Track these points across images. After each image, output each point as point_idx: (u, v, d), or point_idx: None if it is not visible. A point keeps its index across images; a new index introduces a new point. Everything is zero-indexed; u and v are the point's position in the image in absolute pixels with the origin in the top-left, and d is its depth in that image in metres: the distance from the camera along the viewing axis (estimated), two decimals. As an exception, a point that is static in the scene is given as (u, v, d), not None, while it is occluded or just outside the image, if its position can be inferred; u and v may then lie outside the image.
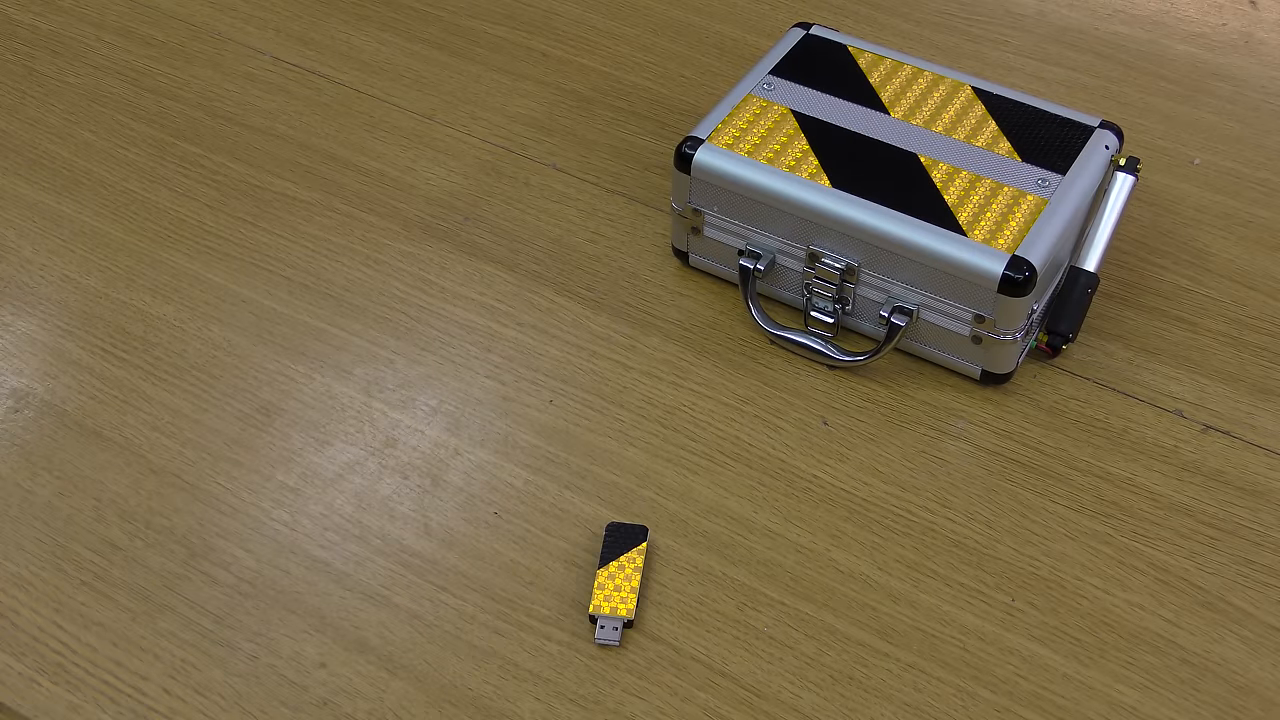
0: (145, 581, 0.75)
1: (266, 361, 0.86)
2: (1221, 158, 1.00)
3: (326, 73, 1.08)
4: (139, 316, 0.89)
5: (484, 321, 0.89)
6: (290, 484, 0.80)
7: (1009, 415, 0.83)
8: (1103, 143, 0.85)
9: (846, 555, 0.76)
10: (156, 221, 0.96)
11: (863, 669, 0.71)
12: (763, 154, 0.84)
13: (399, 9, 1.14)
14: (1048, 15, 1.13)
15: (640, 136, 1.02)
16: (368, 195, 0.97)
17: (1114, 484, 0.80)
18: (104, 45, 1.10)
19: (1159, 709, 0.70)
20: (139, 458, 0.81)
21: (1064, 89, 1.06)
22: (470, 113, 1.04)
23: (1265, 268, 0.92)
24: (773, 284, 0.88)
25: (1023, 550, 0.76)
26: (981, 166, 0.83)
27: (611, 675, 0.71)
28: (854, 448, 0.82)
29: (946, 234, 0.79)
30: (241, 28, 1.12)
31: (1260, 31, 1.11)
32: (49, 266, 0.92)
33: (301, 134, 1.02)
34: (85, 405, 0.83)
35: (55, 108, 1.05)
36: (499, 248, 0.93)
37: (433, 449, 0.81)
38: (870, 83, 0.89)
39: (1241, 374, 0.85)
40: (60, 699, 0.70)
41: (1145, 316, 0.89)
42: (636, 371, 0.86)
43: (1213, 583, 0.75)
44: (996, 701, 0.70)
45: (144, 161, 1.00)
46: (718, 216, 0.86)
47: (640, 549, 0.75)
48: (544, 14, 1.13)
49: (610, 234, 0.95)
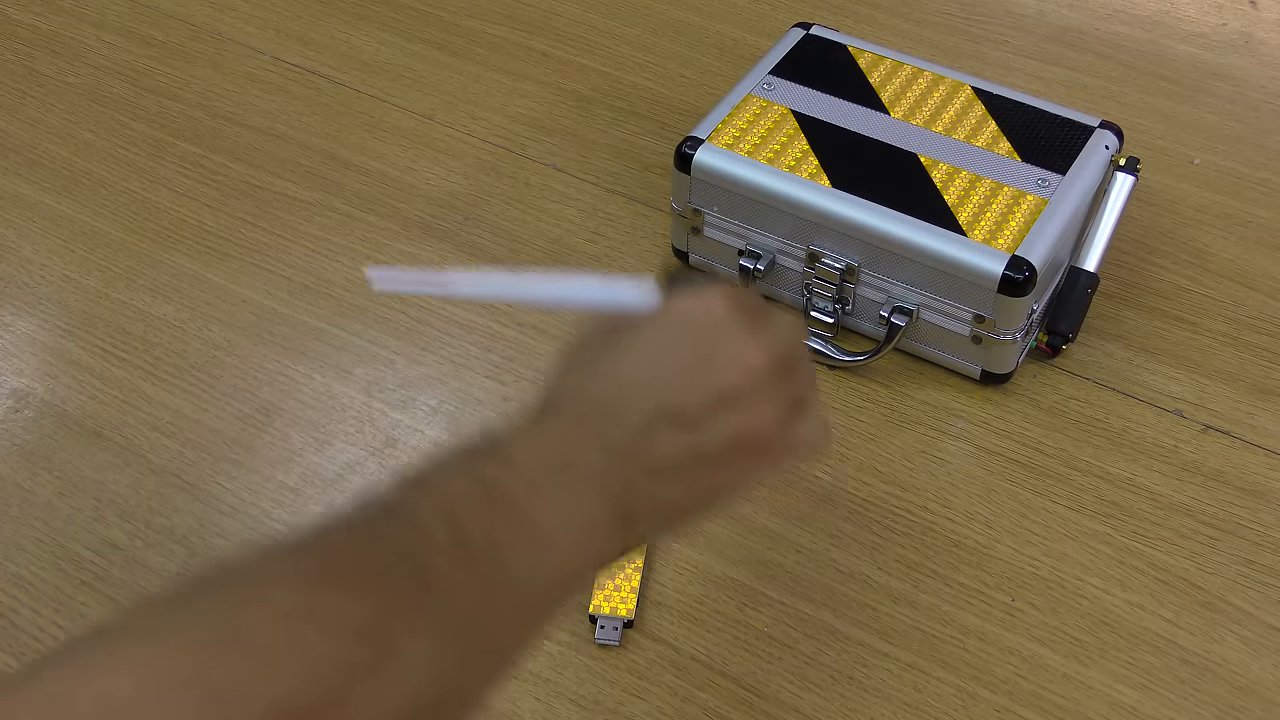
0: (145, 581, 0.75)
1: (266, 361, 0.86)
2: (1221, 158, 1.00)
3: (326, 73, 1.08)
4: (139, 316, 0.89)
5: (484, 321, 0.89)
6: (290, 484, 0.80)
7: (1009, 415, 0.83)
8: (1103, 143, 0.85)
9: (846, 555, 0.76)
10: (156, 221, 0.96)
11: (863, 669, 0.71)
12: (763, 154, 0.84)
13: (399, 9, 1.14)
14: (1048, 15, 1.13)
15: (640, 136, 1.02)
16: (368, 195, 0.97)
17: (1114, 484, 0.80)
18: (104, 45, 1.10)
19: (1159, 709, 0.70)
20: (139, 458, 0.81)
21: (1064, 89, 1.06)
22: (470, 113, 1.04)
23: (1265, 268, 0.92)
24: (773, 284, 0.88)
25: (1023, 550, 0.76)
26: (981, 166, 0.83)
27: (611, 675, 0.71)
28: (854, 448, 0.82)
29: (946, 234, 0.79)
30: (241, 28, 1.12)
31: (1260, 31, 1.11)
32: (49, 266, 0.92)
33: (301, 134, 1.02)
34: (85, 405, 0.83)
35: (55, 108, 1.05)
36: (499, 248, 0.93)
37: (433, 449, 0.81)
38: (870, 83, 0.89)
39: (1241, 374, 0.85)
40: (60, 699, 0.70)
41: (1145, 316, 0.89)
42: (636, 371, 0.85)
43: (1213, 583, 0.75)
44: (996, 701, 0.70)
45: (144, 161, 1.00)
46: (718, 216, 0.86)
47: (640, 549, 0.75)
48: (544, 14, 1.13)
49: (610, 234, 0.95)
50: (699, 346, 0.54)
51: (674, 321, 0.55)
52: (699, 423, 0.52)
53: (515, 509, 0.48)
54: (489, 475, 0.49)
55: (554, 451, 0.51)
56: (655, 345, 0.54)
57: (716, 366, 0.53)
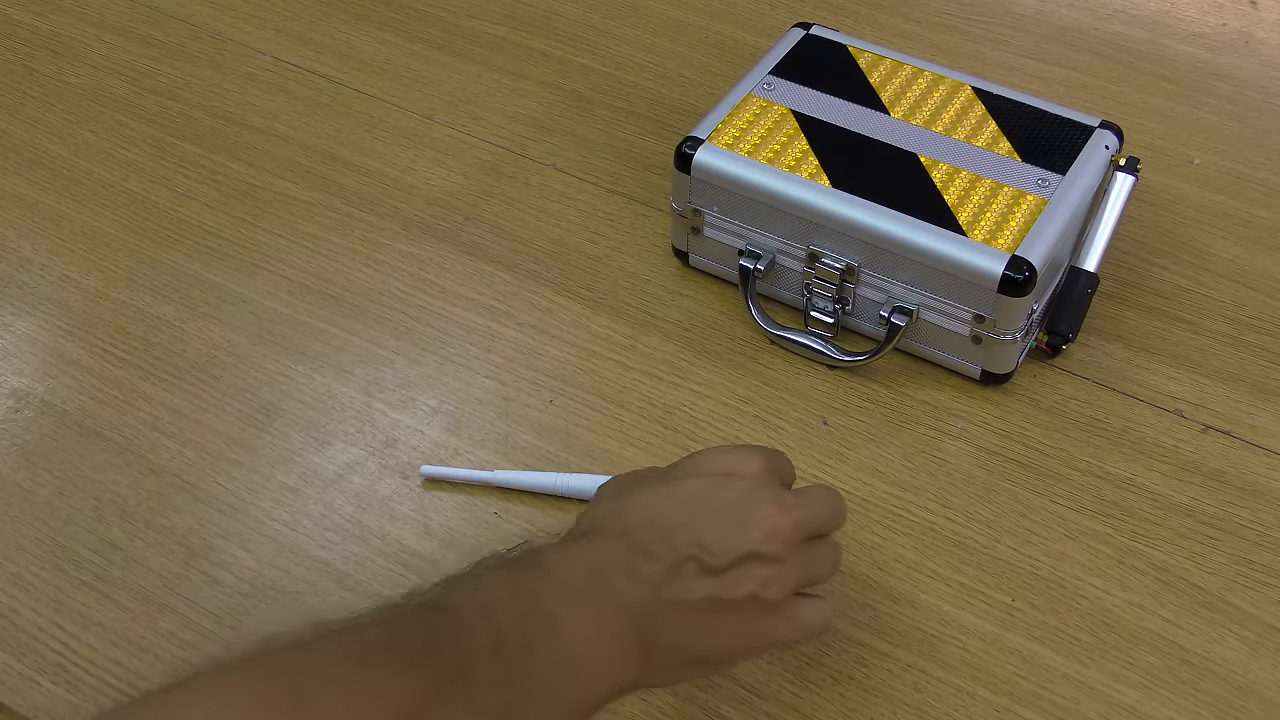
0: (145, 581, 0.75)
1: (266, 361, 0.86)
2: (1221, 158, 1.00)
3: (326, 73, 1.08)
4: (139, 316, 0.89)
5: (484, 321, 0.89)
6: (290, 484, 0.80)
7: (1009, 415, 0.83)
8: (1103, 143, 0.85)
9: (847, 555, 0.76)
10: (156, 221, 0.96)
11: (863, 669, 0.71)
12: (763, 154, 0.84)
13: (399, 9, 1.14)
14: (1048, 15, 1.13)
15: (640, 136, 1.02)
16: (368, 195, 0.97)
17: (1114, 484, 0.80)
18: (104, 45, 1.10)
19: (1159, 709, 0.70)
20: (139, 458, 0.81)
21: (1064, 89, 1.06)
22: (470, 113, 1.04)
23: (1265, 268, 0.92)
24: (773, 284, 0.88)
25: (1023, 550, 0.76)
26: (981, 166, 0.83)
27: (611, 675, 0.71)
28: (854, 448, 0.82)
29: (946, 234, 0.79)
30: (241, 28, 1.12)
31: (1260, 31, 1.11)
32: (49, 266, 0.92)
33: (301, 134, 1.02)
34: (85, 405, 0.83)
35: (55, 108, 1.05)
36: (499, 248, 0.93)
37: (433, 449, 0.81)
38: (870, 83, 0.89)
39: (1241, 374, 0.85)
40: (60, 699, 0.70)
41: (1145, 316, 0.89)
42: (636, 371, 0.86)
43: (1213, 583, 0.75)
44: (996, 701, 0.70)
45: (144, 161, 1.00)
46: (718, 216, 0.86)
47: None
48: (544, 14, 1.13)
49: (610, 234, 0.95)
50: (734, 501, 0.58)
51: (713, 474, 0.60)
52: (724, 572, 0.56)
53: (549, 618, 0.53)
54: (528, 585, 0.54)
55: (588, 572, 0.56)
56: (693, 492, 0.59)
57: (747, 523, 0.58)
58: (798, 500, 0.60)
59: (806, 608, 0.60)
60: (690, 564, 0.56)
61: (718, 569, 0.56)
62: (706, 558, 0.56)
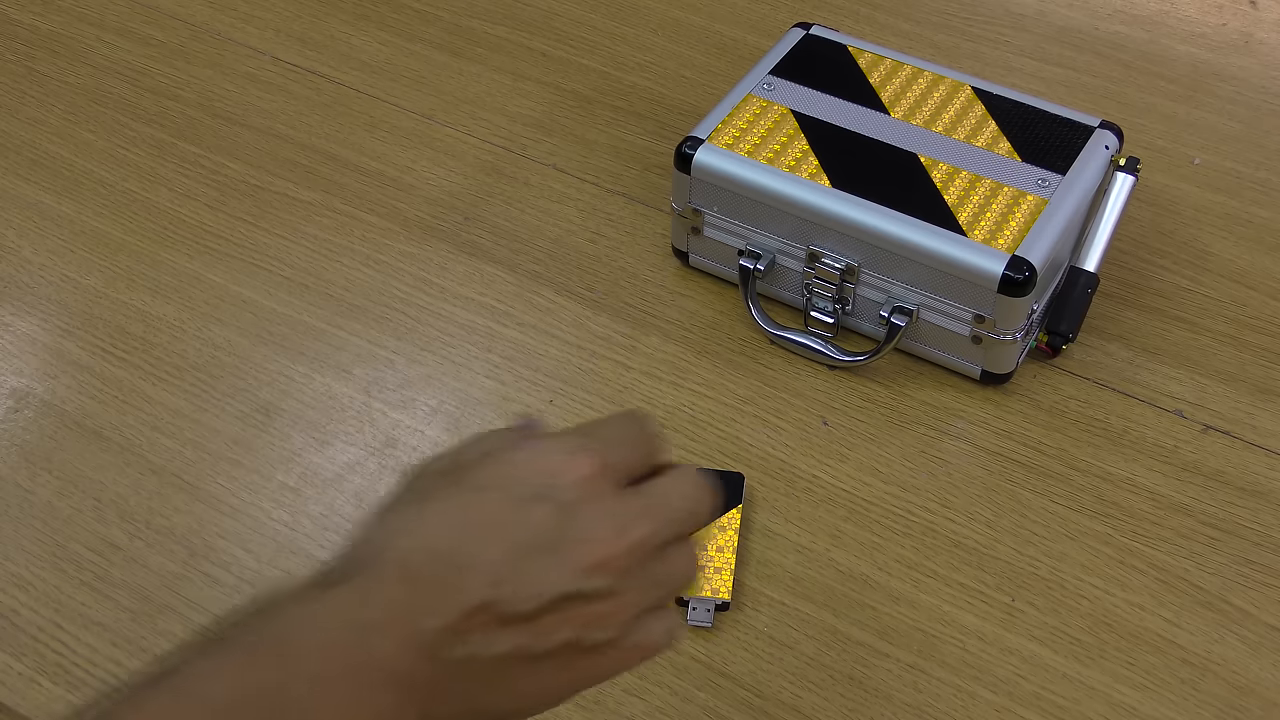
0: (145, 581, 0.75)
1: (266, 361, 0.86)
2: (1221, 158, 1.00)
3: (326, 73, 1.08)
4: (139, 316, 0.89)
5: (484, 321, 0.89)
6: (290, 484, 0.80)
7: (1009, 415, 0.83)
8: (1103, 143, 0.85)
9: (846, 555, 0.76)
10: (156, 221, 0.96)
11: (863, 669, 0.71)
12: (763, 154, 0.84)
13: (399, 9, 1.14)
14: (1048, 15, 1.13)
15: (640, 136, 1.02)
16: (368, 195, 0.97)
17: (1114, 484, 0.80)
18: (104, 45, 1.10)
19: (1159, 709, 0.70)
20: (139, 458, 0.81)
21: (1064, 89, 1.06)
22: (470, 113, 1.04)
23: (1265, 268, 0.92)
24: (773, 284, 0.88)
25: (1023, 550, 0.76)
26: (981, 166, 0.83)
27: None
28: (854, 448, 0.82)
29: (946, 234, 0.79)
30: (241, 28, 1.12)
31: (1260, 31, 1.11)
32: (49, 266, 0.92)
33: (301, 134, 1.02)
34: (85, 405, 0.83)
35: (55, 108, 1.05)
36: (499, 248, 0.93)
37: (433, 449, 0.81)
38: (870, 83, 0.89)
39: (1241, 374, 0.85)
40: (60, 699, 0.70)
41: (1145, 316, 0.89)
42: (636, 371, 0.86)
43: (1213, 583, 0.75)
44: (996, 701, 0.70)
45: (144, 161, 1.00)
46: (718, 216, 0.86)
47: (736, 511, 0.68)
48: (544, 14, 1.13)
49: (610, 234, 0.95)
50: (547, 524, 0.44)
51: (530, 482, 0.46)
52: (533, 619, 0.44)
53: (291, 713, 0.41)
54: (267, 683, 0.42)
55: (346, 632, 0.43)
56: (493, 510, 0.45)
57: (566, 552, 0.44)
58: (642, 509, 0.46)
59: (648, 630, 0.46)
60: (482, 614, 0.43)
61: (524, 616, 0.43)
62: (505, 606, 0.43)
